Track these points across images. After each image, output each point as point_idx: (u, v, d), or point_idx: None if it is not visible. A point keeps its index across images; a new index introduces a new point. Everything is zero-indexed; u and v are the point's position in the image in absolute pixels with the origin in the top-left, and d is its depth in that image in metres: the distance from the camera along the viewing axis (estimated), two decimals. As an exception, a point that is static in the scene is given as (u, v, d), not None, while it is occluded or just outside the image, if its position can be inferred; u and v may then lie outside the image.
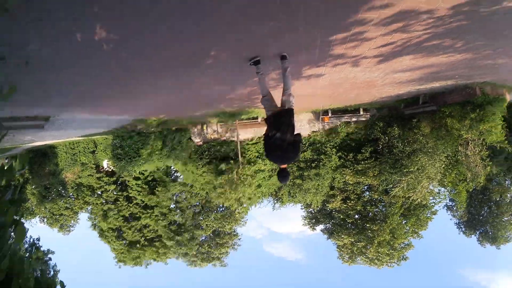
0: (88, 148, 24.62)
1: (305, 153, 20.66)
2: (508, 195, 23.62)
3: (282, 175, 4.50)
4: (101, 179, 25.12)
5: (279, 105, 4.77)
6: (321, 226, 24.56)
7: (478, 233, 25.73)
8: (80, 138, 20.42)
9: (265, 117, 4.80)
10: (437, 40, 5.27)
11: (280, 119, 4.46)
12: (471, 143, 14.15)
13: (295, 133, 4.44)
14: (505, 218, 23.97)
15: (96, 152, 24.68)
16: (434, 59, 6.62)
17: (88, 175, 25.24)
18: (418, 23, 4.47)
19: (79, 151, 24.44)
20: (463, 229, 26.60)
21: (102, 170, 26.03)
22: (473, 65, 7.37)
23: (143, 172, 22.51)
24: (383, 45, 5.49)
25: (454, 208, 25.41)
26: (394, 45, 5.51)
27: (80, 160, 24.61)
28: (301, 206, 24.58)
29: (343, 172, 20.31)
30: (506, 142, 13.23)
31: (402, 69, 7.68)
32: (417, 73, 8.33)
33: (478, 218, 25.44)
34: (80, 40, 3.27)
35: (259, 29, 4.07)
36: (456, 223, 26.96)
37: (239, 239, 24.80)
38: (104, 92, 6.35)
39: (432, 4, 3.86)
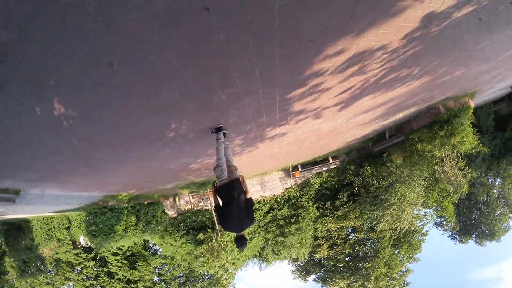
0: (63, 224, 23.71)
1: (282, 210, 20.25)
2: (495, 190, 24.05)
3: (240, 242, 4.46)
4: (79, 255, 24.21)
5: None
6: (313, 276, 23.87)
7: (474, 236, 25.74)
8: (54, 214, 19.56)
9: (216, 186, 4.70)
10: (394, 73, 5.12)
11: (232, 187, 4.48)
12: (446, 158, 14.14)
13: (246, 198, 4.53)
14: (498, 212, 24.25)
15: (71, 228, 23.76)
16: (394, 92, 6.51)
17: (66, 251, 24.21)
18: (373, 62, 4.29)
19: (54, 227, 23.59)
20: (458, 238, 26.58)
21: (79, 246, 24.99)
22: (433, 85, 7.40)
23: (121, 247, 22.01)
24: (342, 92, 5.30)
25: (444, 223, 25.39)
26: (353, 89, 5.32)
27: (55, 236, 23.69)
28: (288, 261, 23.90)
29: (324, 221, 19.83)
30: (481, 145, 13.34)
31: (364, 111, 7.53)
32: (379, 110, 8.24)
33: (471, 223, 25.54)
34: (40, 114, 3.20)
35: (217, 97, 3.97)
36: (449, 235, 26.93)
37: (231, 303, 24.07)
38: (69, 169, 6.03)
39: (385, 39, 3.67)
